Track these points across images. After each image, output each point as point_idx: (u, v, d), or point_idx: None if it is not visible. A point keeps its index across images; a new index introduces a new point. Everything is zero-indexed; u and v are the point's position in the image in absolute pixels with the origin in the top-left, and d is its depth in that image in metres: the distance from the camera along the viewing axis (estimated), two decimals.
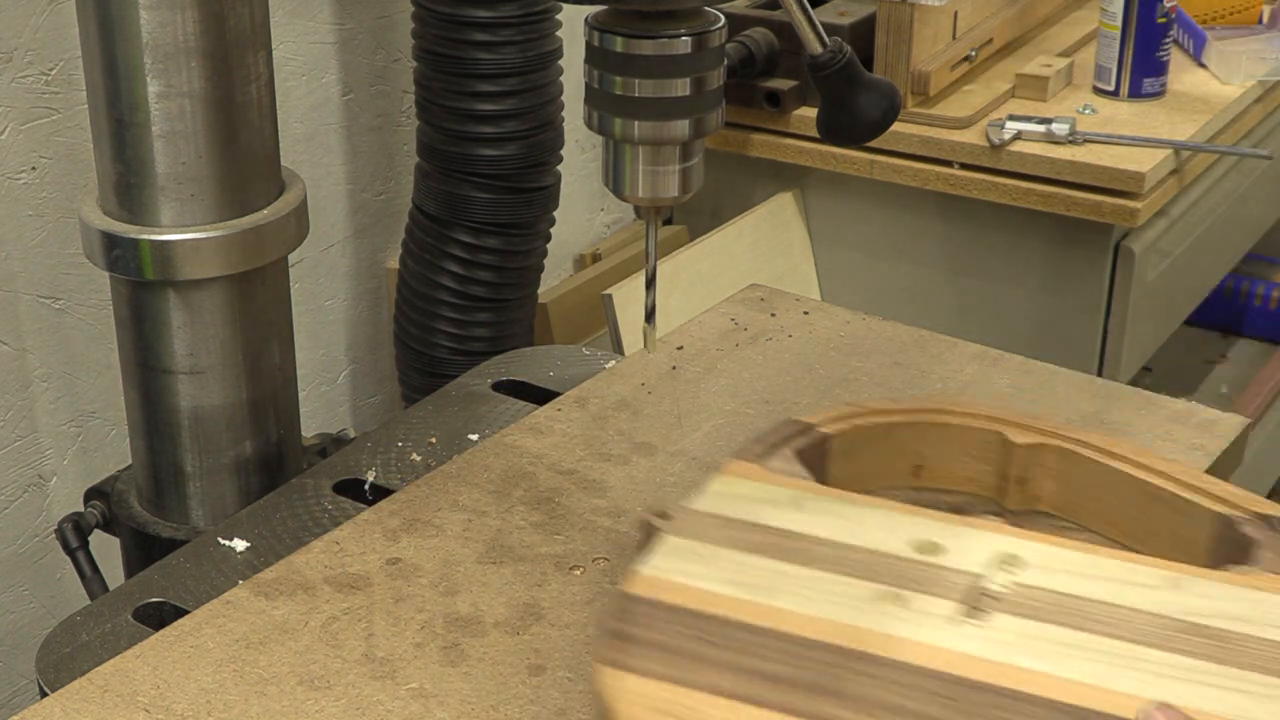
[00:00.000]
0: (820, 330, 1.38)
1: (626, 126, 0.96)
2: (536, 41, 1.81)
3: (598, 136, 1.01)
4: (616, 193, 1.01)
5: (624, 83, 0.96)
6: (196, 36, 1.16)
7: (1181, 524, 1.02)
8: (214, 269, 1.20)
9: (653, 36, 0.94)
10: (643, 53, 0.95)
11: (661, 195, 0.99)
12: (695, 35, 0.95)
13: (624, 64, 0.95)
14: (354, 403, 2.16)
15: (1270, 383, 2.59)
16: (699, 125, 0.97)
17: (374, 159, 2.07)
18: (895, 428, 1.13)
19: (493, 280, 1.91)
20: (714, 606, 0.92)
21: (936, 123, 2.04)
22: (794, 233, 2.19)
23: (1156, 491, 1.04)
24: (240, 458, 1.27)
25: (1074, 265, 2.03)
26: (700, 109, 0.97)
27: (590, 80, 0.98)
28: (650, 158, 0.98)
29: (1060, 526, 1.09)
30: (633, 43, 0.94)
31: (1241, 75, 2.19)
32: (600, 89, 0.97)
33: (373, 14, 2.00)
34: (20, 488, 1.74)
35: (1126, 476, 1.06)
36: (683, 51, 0.95)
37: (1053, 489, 1.10)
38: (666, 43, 0.94)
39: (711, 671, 0.87)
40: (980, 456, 1.12)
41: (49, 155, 1.66)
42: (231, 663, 0.97)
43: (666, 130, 0.96)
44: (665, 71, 0.95)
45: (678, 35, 0.95)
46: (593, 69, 0.97)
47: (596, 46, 0.96)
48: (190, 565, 1.13)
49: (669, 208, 1.00)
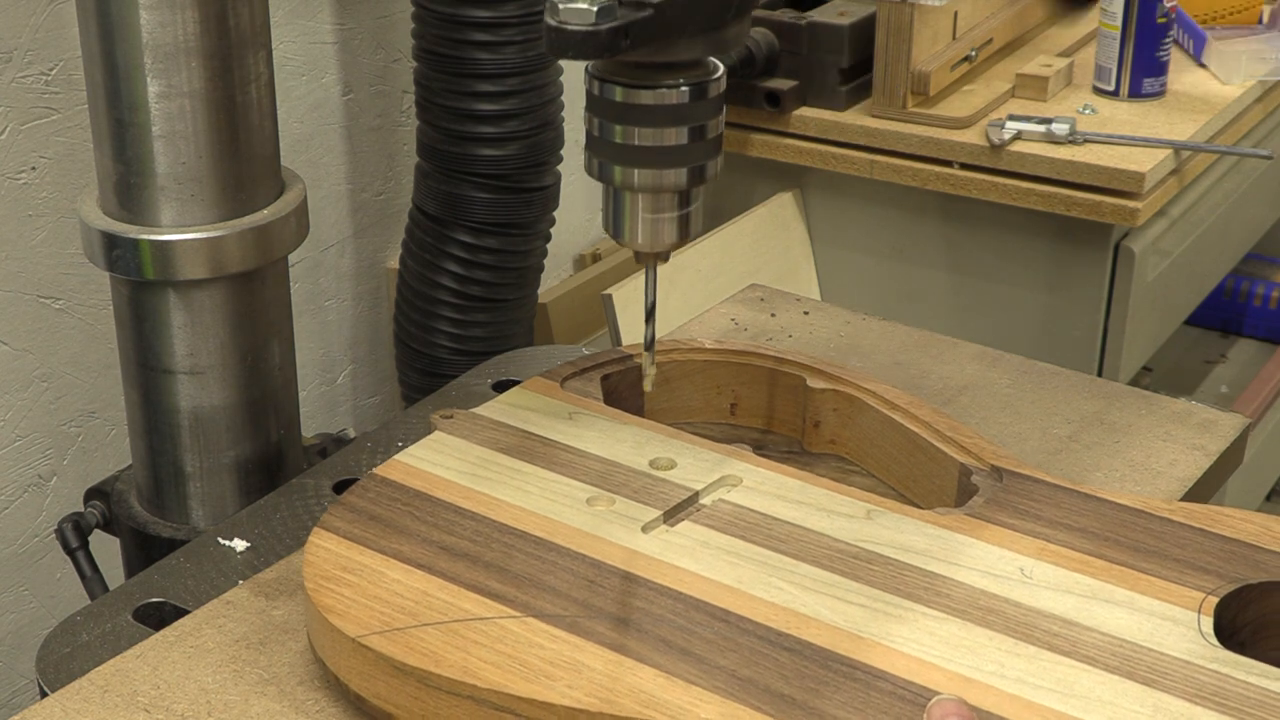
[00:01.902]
0: (820, 330, 1.38)
1: (626, 174, 0.98)
2: (536, 41, 1.81)
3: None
4: (616, 238, 1.02)
5: (624, 131, 0.97)
6: (196, 36, 1.16)
7: (935, 471, 1.10)
8: (214, 269, 1.20)
9: (651, 86, 0.95)
10: (641, 102, 0.96)
11: (660, 242, 1.01)
12: (694, 85, 0.96)
13: (623, 113, 0.96)
14: (354, 403, 2.16)
15: (1270, 383, 2.59)
16: (698, 173, 0.98)
17: (374, 159, 2.07)
18: (711, 365, 1.21)
19: (492, 280, 1.91)
20: (439, 490, 1.03)
21: (936, 123, 2.04)
22: (794, 233, 2.19)
23: (918, 440, 1.11)
24: (240, 458, 1.27)
25: (1074, 265, 2.03)
26: (699, 157, 0.98)
27: (590, 128, 0.98)
28: (650, 205, 0.99)
29: (849, 470, 1.17)
30: (631, 92, 0.95)
31: (1241, 75, 2.19)
32: (600, 137, 0.97)
33: (373, 14, 2.00)
34: (20, 488, 1.74)
35: (898, 425, 1.13)
36: (681, 101, 0.96)
37: (842, 433, 1.18)
38: (665, 92, 0.95)
39: (404, 541, 0.98)
40: (786, 399, 1.20)
41: (49, 155, 1.67)
42: (231, 663, 0.97)
43: (665, 178, 0.97)
44: (664, 120, 0.96)
45: (676, 85, 0.95)
46: (593, 117, 0.98)
47: (596, 95, 0.97)
48: (190, 565, 1.13)
49: (668, 253, 1.01)
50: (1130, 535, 0.99)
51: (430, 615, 0.92)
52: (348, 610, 0.92)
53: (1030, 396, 1.27)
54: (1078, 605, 0.93)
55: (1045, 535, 0.99)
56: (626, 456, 1.07)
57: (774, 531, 0.99)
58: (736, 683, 0.86)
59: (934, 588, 0.94)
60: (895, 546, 0.98)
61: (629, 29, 0.89)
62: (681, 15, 0.92)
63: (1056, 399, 1.27)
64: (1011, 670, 0.87)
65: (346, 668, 0.92)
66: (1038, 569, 0.96)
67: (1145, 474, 1.16)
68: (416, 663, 0.88)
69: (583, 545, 0.98)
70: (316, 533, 0.99)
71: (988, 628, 0.91)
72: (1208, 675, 0.87)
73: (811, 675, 0.87)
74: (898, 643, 0.89)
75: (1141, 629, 0.91)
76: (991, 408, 1.25)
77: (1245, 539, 0.98)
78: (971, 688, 0.86)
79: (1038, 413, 1.25)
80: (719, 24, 0.94)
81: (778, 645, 0.89)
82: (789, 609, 0.92)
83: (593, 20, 0.88)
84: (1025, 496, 1.03)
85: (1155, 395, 1.28)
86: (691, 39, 0.93)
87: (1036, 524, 1.00)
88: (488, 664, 0.88)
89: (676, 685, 0.86)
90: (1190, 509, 1.02)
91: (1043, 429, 1.22)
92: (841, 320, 1.40)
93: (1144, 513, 1.01)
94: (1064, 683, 0.86)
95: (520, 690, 0.86)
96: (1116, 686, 0.86)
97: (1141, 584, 0.94)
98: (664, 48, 0.92)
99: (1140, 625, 0.91)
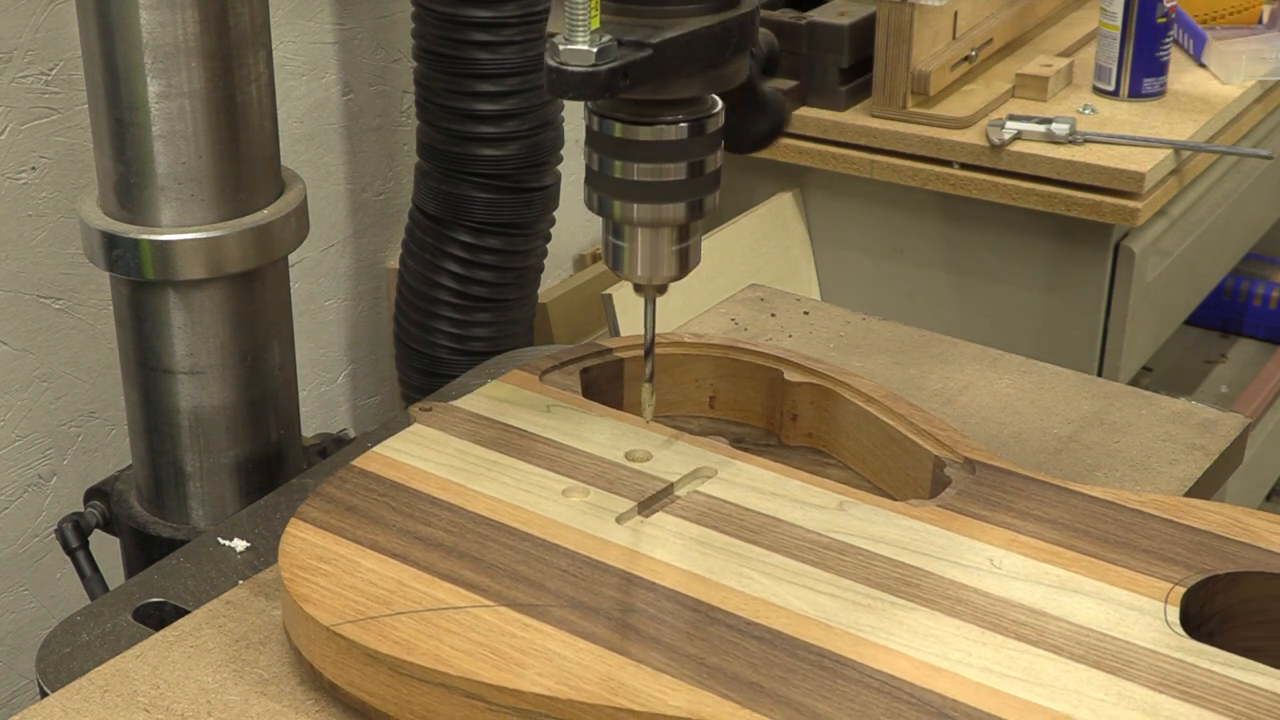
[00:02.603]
0: (820, 330, 1.38)
1: (625, 209, 0.99)
2: (536, 41, 1.81)
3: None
4: (615, 271, 1.03)
5: (623, 166, 0.97)
6: (196, 36, 1.16)
7: (910, 464, 1.11)
8: (214, 269, 1.20)
9: (650, 122, 0.96)
10: (640, 139, 0.96)
11: (659, 275, 1.02)
12: (692, 121, 0.97)
13: (622, 149, 0.97)
14: (354, 403, 2.16)
15: (1270, 383, 2.59)
16: (696, 208, 0.99)
17: (374, 159, 2.07)
18: (690, 359, 1.22)
19: (493, 280, 1.91)
20: (416, 481, 1.04)
21: (936, 123, 2.04)
22: (794, 233, 2.19)
23: (892, 433, 1.12)
24: (240, 458, 1.27)
25: (1074, 265, 2.03)
26: (698, 192, 0.99)
27: (590, 162, 0.99)
28: (649, 239, 1.00)
29: (826, 463, 1.18)
30: (630, 128, 0.96)
31: (1241, 75, 2.19)
32: (599, 171, 0.98)
33: (373, 14, 2.00)
34: (20, 488, 1.74)
35: (873, 418, 1.14)
36: (680, 137, 0.96)
37: (818, 426, 1.19)
38: (664, 128, 0.96)
39: (380, 531, 0.99)
40: (764, 392, 1.21)
41: (49, 155, 1.67)
42: (231, 663, 0.97)
43: (664, 213, 0.98)
44: (662, 156, 0.97)
45: (675, 121, 0.96)
46: (592, 152, 0.99)
47: (595, 131, 0.98)
48: (190, 565, 1.13)
49: (666, 285, 1.02)
50: (1100, 526, 1.00)
51: (404, 604, 0.92)
52: (322, 599, 0.93)
53: (1030, 396, 1.27)
54: (1046, 595, 0.93)
55: (1015, 526, 1.00)
56: (603, 449, 1.08)
57: (746, 522, 1.00)
58: (705, 670, 0.87)
59: (903, 578, 0.95)
60: (866, 537, 0.99)
61: (628, 69, 0.90)
62: (680, 55, 0.93)
63: (1056, 399, 1.27)
64: (978, 659, 0.88)
65: (321, 656, 0.93)
66: (1007, 560, 0.97)
67: (1145, 474, 1.16)
68: (389, 651, 0.89)
69: (557, 536, 0.99)
70: (293, 523, 1.00)
71: (956, 617, 0.91)
72: (1172, 664, 0.88)
73: (779, 664, 0.88)
74: (866, 632, 0.90)
75: (1109, 619, 0.91)
76: (991, 408, 1.25)
77: (1213, 530, 0.99)
78: (938, 676, 0.87)
79: (1038, 413, 1.25)
80: (717, 62, 0.95)
81: (747, 634, 0.90)
82: (759, 599, 0.93)
83: (592, 61, 0.89)
84: (997, 488, 1.04)
85: (1155, 395, 1.28)
86: (690, 77, 0.95)
87: (1007, 515, 1.01)
88: (459, 652, 0.89)
89: (645, 673, 0.87)
90: (1160, 500, 1.03)
91: (1043, 429, 1.22)
92: (841, 320, 1.40)
93: (1114, 504, 1.02)
94: (1030, 671, 0.87)
95: (491, 678, 0.87)
96: (1082, 675, 0.87)
97: (1110, 574, 0.95)
98: (662, 86, 0.94)
99: (1108, 615, 0.92)
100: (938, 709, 0.84)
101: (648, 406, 1.09)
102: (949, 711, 0.84)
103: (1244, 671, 0.87)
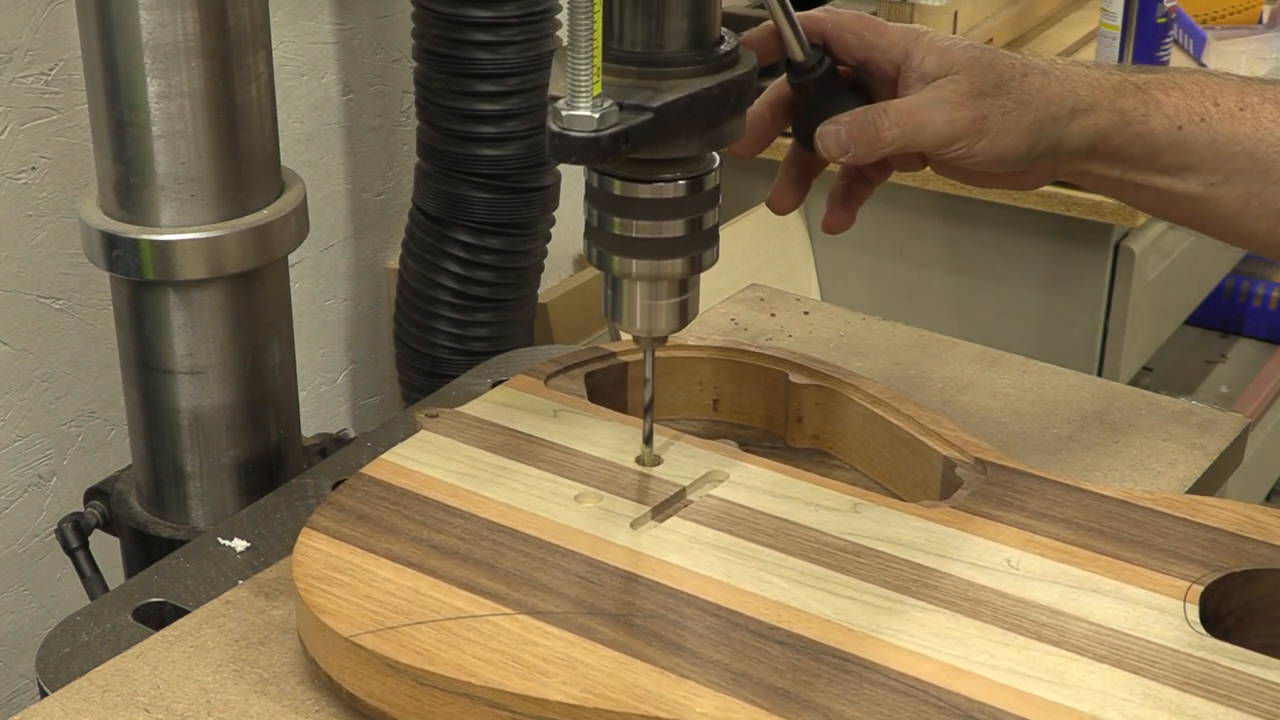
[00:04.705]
0: (820, 330, 1.38)
1: (624, 264, 0.99)
2: (536, 41, 1.81)
3: None
4: (614, 323, 1.04)
5: (622, 223, 0.98)
6: (196, 36, 1.16)
7: (919, 465, 1.10)
8: (214, 269, 1.20)
9: (649, 180, 0.96)
10: (639, 196, 0.97)
11: (658, 328, 1.02)
12: (691, 179, 0.97)
13: (621, 206, 0.97)
14: (354, 403, 2.16)
15: (1270, 383, 2.59)
16: (695, 263, 1.00)
17: (374, 159, 2.07)
18: (693, 362, 1.22)
19: (493, 280, 1.91)
20: (427, 489, 1.03)
21: None
22: (794, 233, 2.19)
23: (901, 434, 1.11)
24: (240, 458, 1.27)
25: (1074, 265, 2.03)
26: (697, 247, 0.99)
27: (589, 218, 1.00)
28: (648, 293, 1.01)
29: (833, 464, 1.17)
30: (630, 186, 0.97)
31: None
32: (599, 227, 0.99)
33: (373, 14, 2.00)
34: (20, 488, 1.74)
35: (880, 419, 1.13)
36: (678, 195, 0.97)
37: (824, 428, 1.18)
38: (662, 186, 0.97)
39: (394, 539, 0.98)
40: (768, 394, 1.21)
41: (49, 155, 1.67)
42: (231, 663, 0.97)
43: (663, 268, 0.99)
44: (662, 214, 0.97)
45: (674, 179, 0.97)
46: (591, 207, 0.99)
47: (595, 187, 0.98)
48: (190, 565, 1.12)
49: (665, 338, 1.03)
50: (1114, 526, 0.99)
51: (423, 613, 0.92)
52: (339, 610, 0.92)
53: (1030, 396, 1.27)
54: (1065, 595, 0.93)
55: (1030, 526, 0.99)
56: (612, 453, 1.07)
57: (761, 526, 0.99)
58: (731, 676, 0.86)
59: (922, 580, 0.94)
60: (883, 539, 0.98)
61: (629, 134, 0.91)
62: (680, 117, 0.93)
63: (1056, 399, 1.27)
64: (1002, 660, 0.88)
65: (340, 667, 0.92)
66: (1024, 560, 0.96)
67: (1145, 474, 1.16)
68: (411, 661, 0.88)
69: (573, 542, 0.98)
70: (306, 533, 0.99)
71: (977, 619, 0.91)
72: (1195, 663, 0.87)
73: (805, 668, 0.87)
74: (888, 635, 0.89)
75: (1129, 618, 0.91)
76: (991, 408, 1.25)
77: (1227, 528, 0.99)
78: (963, 678, 0.86)
79: (1038, 413, 1.25)
80: (716, 121, 0.96)
81: (770, 639, 0.89)
82: (780, 603, 0.92)
83: (595, 126, 0.89)
84: (1009, 489, 1.03)
85: (1155, 395, 1.28)
86: (689, 137, 0.95)
87: (1021, 515, 1.00)
88: (482, 661, 0.88)
89: (670, 680, 0.86)
90: (1172, 499, 1.02)
91: (1043, 429, 1.22)
92: (841, 320, 1.40)
93: (1127, 503, 1.02)
94: (1054, 672, 0.87)
95: (516, 687, 0.86)
96: (1106, 675, 0.86)
97: (1127, 573, 0.95)
98: (662, 147, 0.94)
99: (1127, 614, 0.91)
100: (964, 711, 0.84)
101: (648, 466, 1.07)
102: (976, 714, 0.84)
103: (1267, 669, 0.87)
